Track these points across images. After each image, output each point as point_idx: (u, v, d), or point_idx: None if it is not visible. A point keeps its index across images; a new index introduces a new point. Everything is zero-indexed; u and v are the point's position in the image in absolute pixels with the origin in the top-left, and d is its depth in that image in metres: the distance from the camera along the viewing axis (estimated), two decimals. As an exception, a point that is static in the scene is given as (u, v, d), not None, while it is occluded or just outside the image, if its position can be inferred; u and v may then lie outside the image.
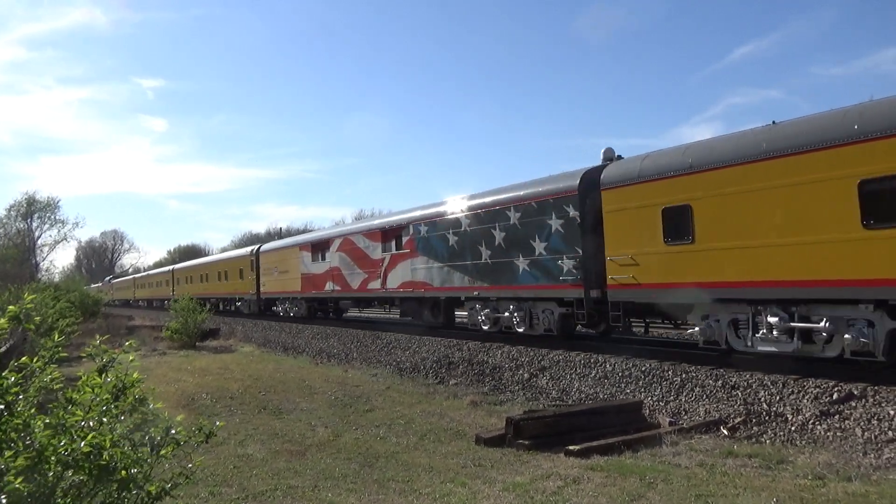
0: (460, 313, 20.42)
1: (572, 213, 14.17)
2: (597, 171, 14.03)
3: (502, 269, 16.21)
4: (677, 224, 11.78)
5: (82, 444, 3.44)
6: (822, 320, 9.89)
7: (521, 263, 15.56)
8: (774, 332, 10.46)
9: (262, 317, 34.94)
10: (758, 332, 10.77)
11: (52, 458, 3.41)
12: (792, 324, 10.26)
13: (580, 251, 13.97)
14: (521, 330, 15.95)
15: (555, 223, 14.59)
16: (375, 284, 22.24)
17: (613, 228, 13.16)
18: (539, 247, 15.03)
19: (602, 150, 15.09)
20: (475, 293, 17.37)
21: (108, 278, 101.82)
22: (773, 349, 10.59)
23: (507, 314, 16.40)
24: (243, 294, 37.34)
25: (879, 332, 9.28)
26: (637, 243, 12.58)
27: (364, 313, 33.34)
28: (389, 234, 21.75)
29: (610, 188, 13.31)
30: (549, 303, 15.09)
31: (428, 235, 19.25)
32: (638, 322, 15.00)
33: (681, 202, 11.70)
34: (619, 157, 14.48)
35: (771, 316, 10.48)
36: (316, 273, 27.43)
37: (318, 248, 27.62)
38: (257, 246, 37.08)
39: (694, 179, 11.47)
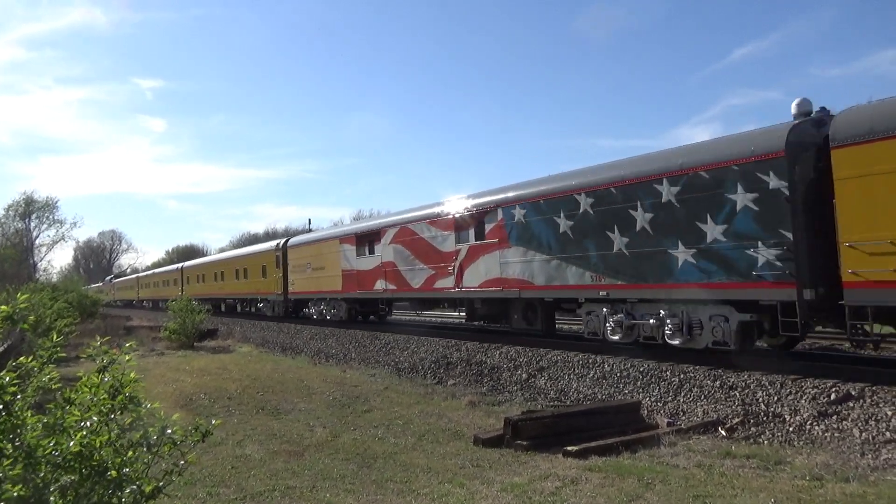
0: (568, 319, 18.10)
1: (774, 183, 10.31)
2: (806, 125, 10.70)
3: (647, 262, 12.46)
4: None
5: (71, 443, 3.44)
6: None
7: (682, 254, 11.77)
8: None
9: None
10: None
11: (43, 459, 3.40)
12: None
13: (789, 236, 10.16)
14: (676, 342, 12.10)
15: (741, 198, 10.80)
16: (446, 283, 18.36)
17: (857, 201, 9.37)
18: (714, 231, 11.26)
19: (795, 103, 11.18)
20: (602, 293, 13.48)
21: (108, 277, 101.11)
22: None
23: (651, 321, 12.53)
24: (267, 294, 32.83)
25: None
26: None
27: (423, 316, 27.51)
28: (466, 221, 17.78)
29: (852, 144, 9.46)
30: (722, 307, 11.35)
31: (526, 220, 15.44)
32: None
33: None
34: (818, 111, 10.99)
35: None
36: (362, 269, 23.27)
37: (365, 239, 23.31)
38: (284, 239, 32.15)
39: None
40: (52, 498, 3.44)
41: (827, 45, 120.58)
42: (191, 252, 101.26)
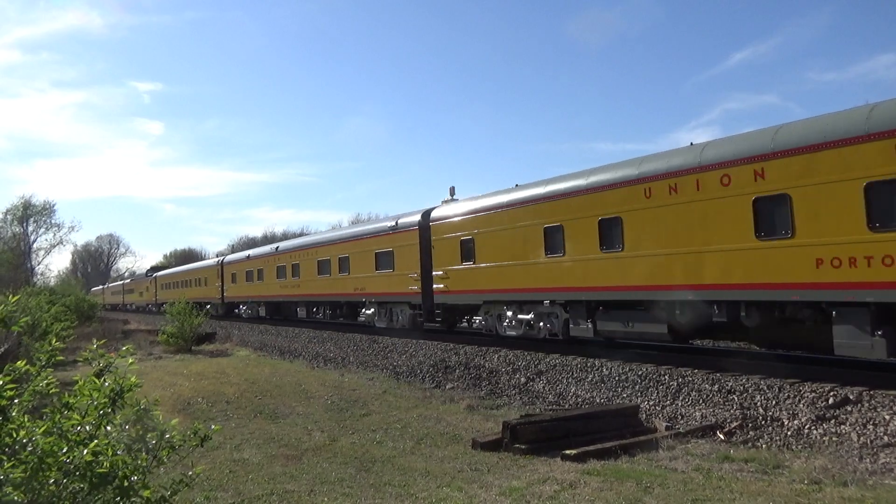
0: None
1: None
2: None
3: None
4: None
5: (84, 451, 3.42)
6: None
7: None
8: None
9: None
10: None
11: (53, 466, 3.39)
12: None
13: None
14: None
15: None
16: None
17: None
18: None
19: None
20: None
21: (122, 275, 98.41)
22: None
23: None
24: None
25: None
26: None
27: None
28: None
29: None
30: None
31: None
32: None
33: None
34: None
35: None
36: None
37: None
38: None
39: None
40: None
41: (823, 50, 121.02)
42: (189, 256, 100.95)
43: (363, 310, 23.90)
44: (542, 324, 15.34)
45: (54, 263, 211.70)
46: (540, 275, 15.01)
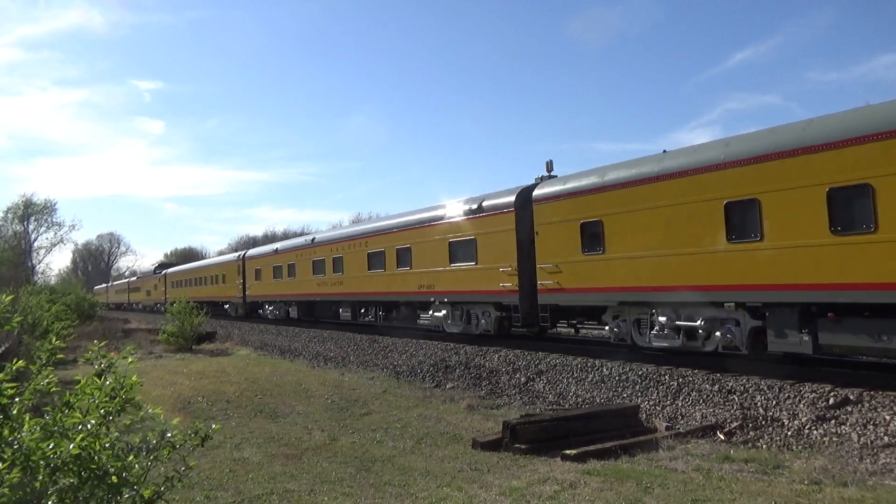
0: None
1: None
2: None
3: None
4: None
5: (70, 446, 3.43)
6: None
7: None
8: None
9: (256, 319, 30.06)
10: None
11: (41, 462, 3.39)
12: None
13: None
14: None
15: None
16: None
17: None
18: None
19: None
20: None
21: (124, 273, 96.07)
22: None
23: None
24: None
25: None
26: None
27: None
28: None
29: None
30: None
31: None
32: None
33: None
34: None
35: None
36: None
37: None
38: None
39: None
40: (49, 502, 3.43)
41: (824, 50, 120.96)
42: (189, 255, 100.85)
43: (430, 311, 19.63)
44: (716, 333, 11.50)
45: (55, 262, 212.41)
46: (716, 267, 11.25)
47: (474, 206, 17.27)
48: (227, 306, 39.61)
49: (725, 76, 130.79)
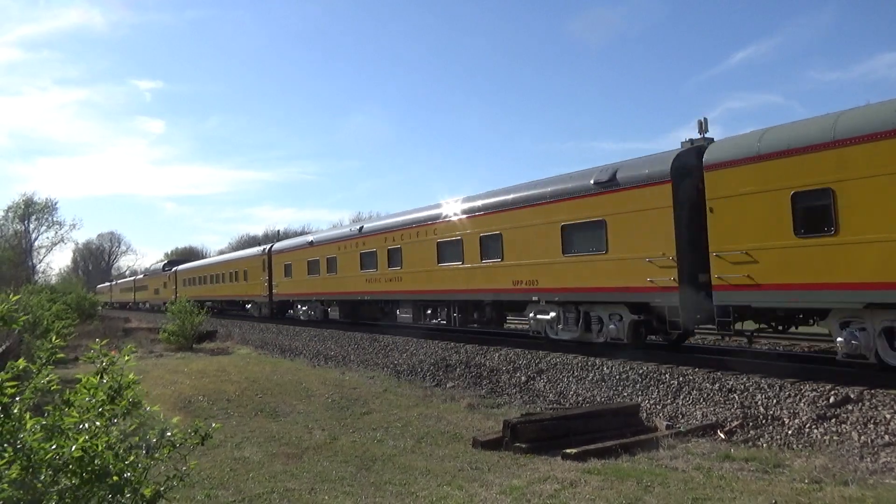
0: None
1: None
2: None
3: None
4: None
5: (73, 448, 3.43)
6: None
7: None
8: None
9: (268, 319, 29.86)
10: None
11: (43, 462, 3.39)
12: None
13: None
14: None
15: None
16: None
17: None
18: None
19: None
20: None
21: (128, 272, 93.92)
22: None
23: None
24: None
25: None
26: None
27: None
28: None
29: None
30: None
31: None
32: None
33: None
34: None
35: None
36: None
37: None
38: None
39: None
40: (52, 502, 3.43)
41: (825, 50, 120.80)
42: (189, 254, 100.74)
43: (531, 312, 15.76)
44: None
45: (55, 261, 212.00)
46: None
47: (604, 179, 13.52)
48: (248, 306, 36.24)
49: (726, 75, 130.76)
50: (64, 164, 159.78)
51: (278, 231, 74.00)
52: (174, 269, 53.13)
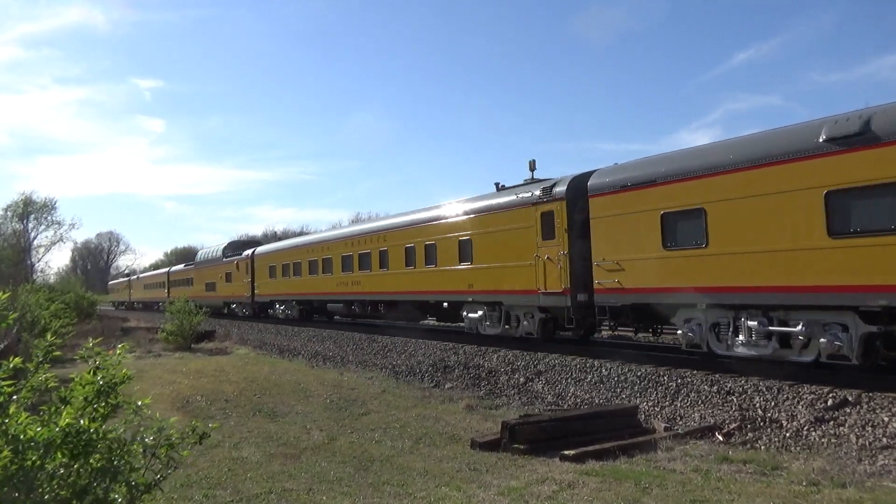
0: None
1: None
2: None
3: None
4: None
5: (59, 423, 3.49)
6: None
7: None
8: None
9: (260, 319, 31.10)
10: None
11: (31, 443, 3.42)
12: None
13: None
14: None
15: None
16: None
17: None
18: None
19: None
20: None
21: (127, 270, 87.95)
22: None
23: None
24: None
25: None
26: None
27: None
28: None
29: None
30: None
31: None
32: None
33: None
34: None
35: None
36: None
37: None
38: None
39: None
40: (46, 486, 3.45)
41: (827, 51, 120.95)
42: (190, 254, 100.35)
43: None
44: None
45: (54, 261, 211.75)
46: None
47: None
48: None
49: (727, 76, 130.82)
50: (64, 163, 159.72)
51: (275, 231, 73.89)
52: (252, 251, 35.07)
